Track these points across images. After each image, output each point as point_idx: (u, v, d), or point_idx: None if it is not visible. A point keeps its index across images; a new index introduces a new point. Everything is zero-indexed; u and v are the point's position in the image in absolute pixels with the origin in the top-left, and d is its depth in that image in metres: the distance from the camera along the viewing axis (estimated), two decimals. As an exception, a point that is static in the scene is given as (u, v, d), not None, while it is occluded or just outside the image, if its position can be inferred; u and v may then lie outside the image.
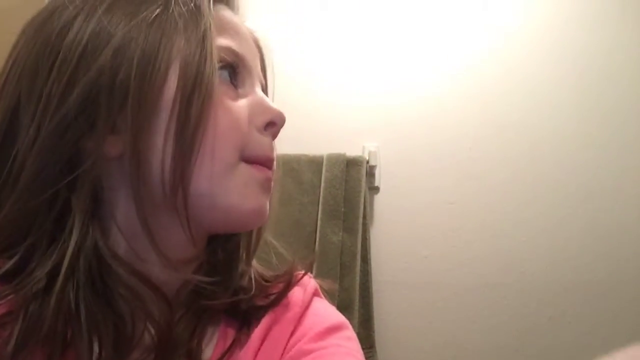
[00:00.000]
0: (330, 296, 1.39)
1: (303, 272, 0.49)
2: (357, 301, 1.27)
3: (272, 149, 0.43)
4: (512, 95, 1.39)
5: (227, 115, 0.39)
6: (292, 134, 1.41)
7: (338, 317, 0.47)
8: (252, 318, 0.43)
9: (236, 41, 0.42)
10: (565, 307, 1.31)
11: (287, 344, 0.42)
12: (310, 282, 0.48)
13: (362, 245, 1.32)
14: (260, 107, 0.42)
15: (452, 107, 1.40)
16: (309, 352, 0.41)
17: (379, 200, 1.40)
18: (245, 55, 0.43)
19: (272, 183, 0.43)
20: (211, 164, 0.38)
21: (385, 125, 1.41)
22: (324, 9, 1.46)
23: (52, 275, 0.36)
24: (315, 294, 0.48)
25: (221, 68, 0.40)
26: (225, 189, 0.39)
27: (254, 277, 0.46)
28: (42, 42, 0.38)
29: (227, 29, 0.42)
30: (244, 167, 0.40)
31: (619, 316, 1.29)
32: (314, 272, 1.31)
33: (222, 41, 0.41)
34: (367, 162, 1.37)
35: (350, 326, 0.46)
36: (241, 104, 0.41)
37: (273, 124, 0.43)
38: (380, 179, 1.40)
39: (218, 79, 0.39)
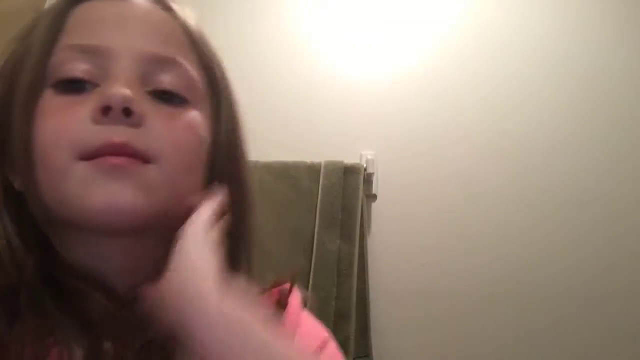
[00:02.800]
0: (327, 303, 1.38)
1: (289, 284, 0.48)
2: (353, 310, 1.27)
3: (112, 134, 0.37)
4: (511, 101, 1.39)
5: (50, 124, 0.38)
6: (290, 141, 1.42)
7: (324, 331, 0.46)
8: None
9: (92, 33, 0.41)
10: (564, 316, 1.30)
11: None
12: (297, 294, 0.47)
13: (359, 253, 1.31)
14: (96, 98, 0.38)
15: (449, 114, 1.40)
16: None
17: (377, 208, 1.39)
18: (101, 44, 0.40)
19: (137, 167, 0.38)
20: (46, 175, 0.38)
21: (383, 133, 1.41)
22: (323, 15, 1.47)
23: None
24: (301, 307, 0.47)
25: (51, 86, 0.39)
26: (64, 195, 0.38)
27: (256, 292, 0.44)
28: None
29: (83, 23, 0.41)
30: (81, 167, 0.37)
31: (618, 325, 1.29)
32: (310, 280, 1.31)
33: (68, 40, 0.40)
34: (365, 169, 1.37)
35: (333, 341, 0.46)
36: (74, 109, 0.38)
37: (107, 108, 0.37)
38: (377, 187, 1.40)
39: (44, 95, 0.39)
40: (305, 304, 0.47)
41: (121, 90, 0.38)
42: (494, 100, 1.40)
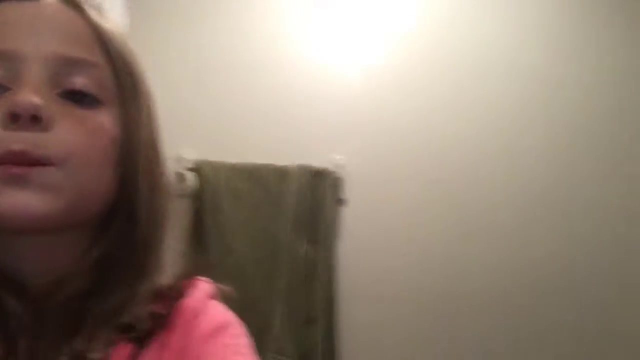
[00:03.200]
0: (296, 307, 1.37)
1: (200, 277, 0.49)
2: (320, 313, 1.26)
3: (13, 142, 0.39)
4: (482, 102, 1.43)
5: None
6: (261, 144, 1.41)
7: (226, 315, 0.47)
8: (147, 331, 0.43)
9: (1, 37, 0.42)
10: (530, 316, 1.34)
11: (180, 350, 0.43)
12: (205, 285, 0.48)
13: (326, 257, 1.32)
14: (6, 104, 0.39)
15: (419, 116, 1.43)
16: (197, 356, 0.42)
17: (347, 212, 1.40)
18: (10, 48, 0.41)
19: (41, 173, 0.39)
20: None
21: (354, 137, 1.42)
22: (296, 17, 1.47)
23: None
24: (211, 296, 0.48)
25: None
26: None
27: (158, 290, 0.45)
28: None
29: None
30: None
31: (577, 319, 1.34)
32: (281, 281, 1.30)
33: None
34: (334, 174, 1.37)
35: (238, 323, 0.46)
36: None
37: (14, 117, 0.39)
38: (348, 191, 1.40)
39: None
40: (220, 296, 0.49)
41: (28, 97, 0.39)
42: (463, 102, 1.43)
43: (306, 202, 1.33)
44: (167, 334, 0.43)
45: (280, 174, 1.35)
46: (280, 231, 1.30)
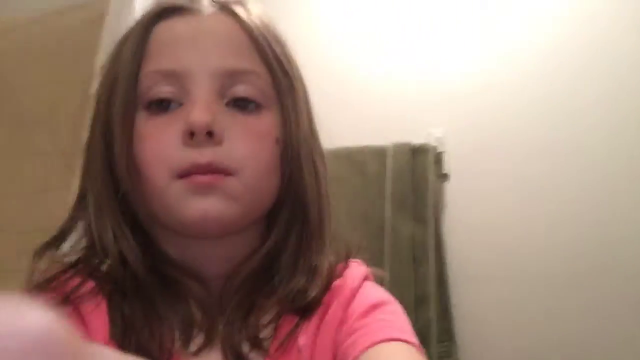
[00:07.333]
0: (405, 288, 1.35)
1: (356, 260, 0.52)
2: (432, 293, 1.23)
3: (198, 155, 0.44)
4: (589, 74, 1.28)
5: (149, 146, 0.45)
6: (354, 126, 1.39)
7: (383, 294, 0.49)
8: (310, 306, 0.47)
9: (171, 57, 0.46)
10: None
11: (337, 327, 0.46)
12: (360, 267, 0.51)
13: (434, 236, 1.27)
14: (183, 120, 0.44)
15: (517, 86, 1.32)
16: (354, 330, 0.44)
17: (450, 188, 1.34)
18: (179, 68, 0.45)
19: (221, 182, 0.44)
20: (147, 189, 0.45)
21: (451, 109, 1.35)
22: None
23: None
24: (366, 278, 0.50)
25: (143, 109, 0.46)
26: (164, 207, 0.45)
27: (324, 271, 0.48)
28: None
29: (162, 47, 0.46)
30: (177, 185, 0.44)
31: None
32: (386, 266, 1.28)
33: (152, 66, 0.46)
34: (435, 148, 1.32)
35: (395, 302, 0.48)
36: (166, 130, 0.45)
37: (191, 134, 0.43)
38: (449, 166, 1.34)
39: (137, 116, 0.46)
40: (376, 280, 0.51)
41: (202, 116, 0.43)
42: (572, 72, 1.29)
43: (407, 180, 1.29)
44: (326, 310, 0.47)
45: (378, 154, 1.32)
46: (382, 213, 1.28)
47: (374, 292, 0.49)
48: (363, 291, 0.48)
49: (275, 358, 0.44)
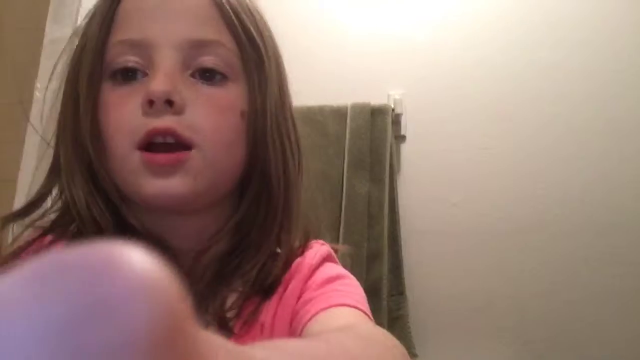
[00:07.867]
0: (360, 244, 1.39)
1: (317, 240, 0.52)
2: (386, 250, 1.28)
3: (157, 121, 0.43)
4: (544, 29, 1.32)
5: (112, 116, 0.45)
6: (314, 85, 1.39)
7: (340, 270, 0.50)
8: (272, 286, 0.47)
9: (137, 27, 0.45)
10: (602, 249, 1.28)
11: (296, 300, 0.47)
12: (322, 247, 0.52)
13: (389, 195, 1.31)
14: (144, 91, 0.43)
15: (477, 47, 1.35)
16: (310, 299, 0.45)
17: (406, 149, 1.38)
18: (144, 38, 0.45)
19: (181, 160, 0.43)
20: (112, 160, 0.45)
21: (410, 71, 1.37)
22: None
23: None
24: (327, 259, 0.51)
25: (109, 78, 0.45)
26: (124, 179, 0.45)
27: (287, 250, 0.49)
28: None
29: (129, 17, 0.46)
30: (136, 156, 0.43)
31: None
32: (342, 224, 1.31)
33: (118, 36, 0.46)
34: (393, 110, 1.34)
35: (353, 277, 0.49)
36: (129, 100, 0.44)
37: (150, 102, 0.43)
38: (406, 127, 1.37)
39: (103, 86, 0.46)
40: (336, 254, 0.52)
41: (160, 85, 0.43)
42: (526, 29, 1.33)
43: (366, 140, 1.31)
44: (285, 287, 0.47)
45: (337, 114, 1.33)
46: (340, 172, 1.31)
47: (333, 268, 0.50)
48: (322, 269, 0.49)
49: (240, 336, 0.45)
